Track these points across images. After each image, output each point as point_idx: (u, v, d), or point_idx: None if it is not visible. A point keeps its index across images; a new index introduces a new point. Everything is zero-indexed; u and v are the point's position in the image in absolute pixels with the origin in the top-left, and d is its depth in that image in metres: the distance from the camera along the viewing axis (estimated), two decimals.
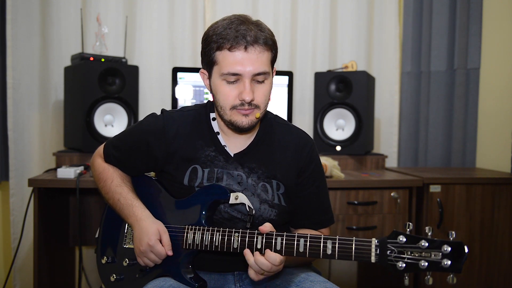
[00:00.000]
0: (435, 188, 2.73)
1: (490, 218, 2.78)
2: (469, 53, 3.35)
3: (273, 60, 1.57)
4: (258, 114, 1.53)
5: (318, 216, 1.70)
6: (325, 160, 2.65)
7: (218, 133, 1.64)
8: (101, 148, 1.77)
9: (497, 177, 2.82)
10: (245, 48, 1.46)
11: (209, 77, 1.57)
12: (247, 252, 1.41)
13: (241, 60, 1.46)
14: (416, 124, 3.48)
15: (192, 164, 1.61)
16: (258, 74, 1.49)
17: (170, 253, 1.53)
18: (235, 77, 1.48)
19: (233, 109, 1.51)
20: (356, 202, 2.62)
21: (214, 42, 1.49)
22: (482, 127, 3.38)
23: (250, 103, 1.50)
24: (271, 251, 1.39)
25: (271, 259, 1.36)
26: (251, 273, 1.40)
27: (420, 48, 3.44)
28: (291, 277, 1.58)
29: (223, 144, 1.63)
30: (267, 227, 1.42)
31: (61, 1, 3.05)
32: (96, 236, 1.78)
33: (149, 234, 1.53)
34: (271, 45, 1.52)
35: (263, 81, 1.52)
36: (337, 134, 3.04)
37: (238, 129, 1.55)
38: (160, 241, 1.54)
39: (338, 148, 2.99)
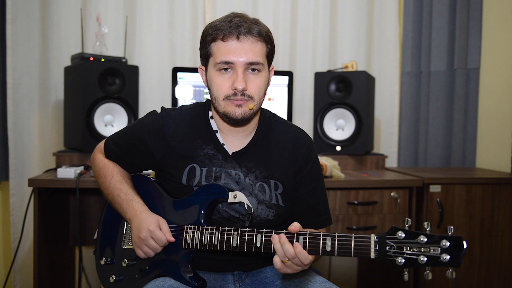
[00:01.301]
0: (435, 188, 2.73)
1: (490, 218, 2.78)
2: (469, 53, 3.35)
3: (268, 55, 1.57)
4: (251, 105, 1.53)
5: (314, 217, 1.68)
6: (325, 160, 2.64)
7: (216, 131, 1.64)
8: (101, 144, 1.78)
9: (497, 177, 2.82)
10: (237, 37, 1.48)
11: (206, 71, 1.59)
12: (274, 237, 1.38)
13: (234, 49, 1.49)
14: (416, 124, 3.48)
15: (190, 162, 1.60)
16: (251, 63, 1.50)
17: (172, 239, 1.52)
18: (228, 65, 1.50)
19: (226, 100, 1.52)
20: (356, 202, 2.62)
21: (209, 35, 1.52)
22: (482, 127, 3.38)
23: (243, 94, 1.50)
24: (271, 249, 1.40)
25: (298, 253, 1.33)
26: (276, 260, 1.36)
27: (420, 48, 3.44)
28: (290, 277, 1.58)
29: (221, 143, 1.63)
30: (296, 226, 1.39)
31: (61, 1, 3.05)
32: (95, 237, 1.78)
33: (149, 221, 1.53)
34: (265, 38, 1.54)
35: (257, 73, 1.53)
36: (337, 134, 3.03)
37: (232, 121, 1.55)
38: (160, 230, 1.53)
39: (338, 148, 2.99)
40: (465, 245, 1.18)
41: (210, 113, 1.67)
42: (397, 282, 2.85)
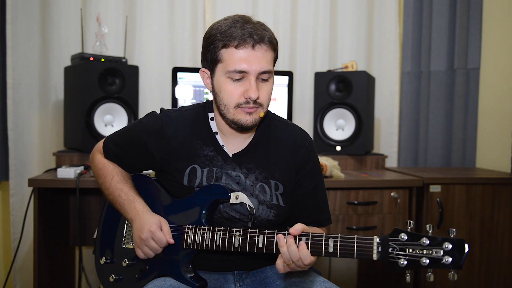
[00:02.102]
0: (435, 188, 2.73)
1: (490, 218, 2.78)
2: (469, 53, 3.35)
3: (275, 60, 1.57)
4: (262, 113, 1.53)
5: (314, 216, 1.69)
6: (325, 160, 2.65)
7: (216, 133, 1.64)
8: (100, 143, 1.77)
9: (497, 177, 2.83)
10: (253, 46, 1.47)
11: (211, 76, 1.57)
12: (280, 237, 1.38)
13: (248, 57, 1.47)
14: (416, 124, 3.48)
15: (191, 164, 1.60)
16: (264, 72, 1.49)
17: (171, 240, 1.52)
18: (241, 75, 1.48)
19: (237, 108, 1.51)
20: (356, 202, 2.62)
21: (219, 40, 1.49)
22: (482, 127, 3.38)
23: (255, 101, 1.50)
24: (273, 250, 1.40)
25: (302, 254, 1.34)
26: (279, 263, 1.37)
27: (420, 48, 3.44)
28: (290, 277, 1.59)
29: (221, 144, 1.63)
30: (298, 230, 1.39)
31: (61, 1, 3.04)
32: (94, 236, 1.77)
33: (151, 222, 1.53)
34: (274, 45, 1.53)
35: (267, 80, 1.53)
36: (337, 134, 3.03)
37: (241, 128, 1.54)
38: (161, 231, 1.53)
39: (338, 148, 2.99)
40: (467, 248, 1.19)
41: (210, 115, 1.66)
42: (397, 283, 2.86)
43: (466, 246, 1.19)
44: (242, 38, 1.46)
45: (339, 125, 3.02)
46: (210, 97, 1.64)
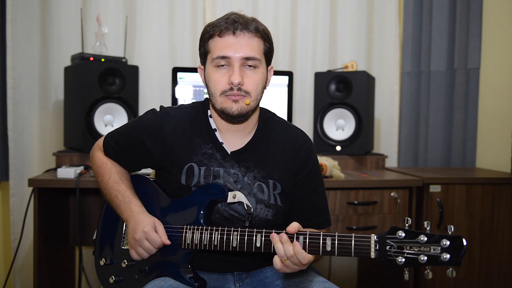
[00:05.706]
0: (435, 188, 2.73)
1: (490, 218, 2.78)
2: (469, 53, 3.35)
3: (266, 53, 1.58)
4: (248, 101, 1.53)
5: (313, 218, 1.68)
6: (325, 160, 2.64)
7: (215, 130, 1.64)
8: (101, 140, 1.77)
9: (497, 177, 2.82)
10: (234, 32, 1.50)
11: (204, 70, 1.60)
12: (273, 235, 1.38)
13: (231, 44, 1.50)
14: (416, 124, 3.48)
15: (188, 162, 1.60)
16: (248, 58, 1.51)
17: (167, 241, 1.52)
18: (225, 61, 1.51)
19: (223, 95, 1.52)
20: (356, 202, 2.61)
21: (207, 32, 1.55)
22: (482, 127, 3.38)
23: (239, 89, 1.51)
24: (271, 250, 1.40)
25: (296, 249, 1.33)
26: (277, 260, 1.36)
27: (420, 48, 3.44)
28: (290, 277, 1.58)
29: (220, 141, 1.63)
30: (294, 227, 1.38)
31: (61, 1, 3.05)
32: (94, 237, 1.77)
33: (144, 223, 1.53)
34: (262, 34, 1.55)
35: (254, 69, 1.53)
36: (337, 134, 3.03)
37: (229, 117, 1.55)
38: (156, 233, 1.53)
39: (338, 148, 2.99)
40: (465, 243, 1.18)
41: (209, 112, 1.67)
42: (397, 282, 2.85)
43: (464, 242, 1.19)
44: (225, 26, 1.51)
45: (339, 125, 3.02)
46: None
